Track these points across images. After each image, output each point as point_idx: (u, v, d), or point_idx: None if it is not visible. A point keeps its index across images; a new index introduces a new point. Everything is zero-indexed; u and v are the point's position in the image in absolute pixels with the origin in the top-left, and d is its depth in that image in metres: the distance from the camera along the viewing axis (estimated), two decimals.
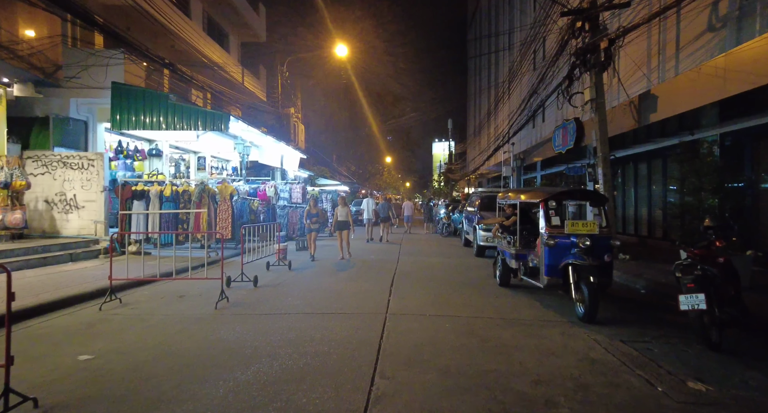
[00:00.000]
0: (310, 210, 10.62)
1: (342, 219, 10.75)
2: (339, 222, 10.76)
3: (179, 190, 10.75)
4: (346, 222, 10.81)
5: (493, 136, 28.36)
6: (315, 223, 10.55)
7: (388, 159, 46.03)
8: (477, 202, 12.99)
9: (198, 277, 7.23)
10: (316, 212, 10.60)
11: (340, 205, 10.99)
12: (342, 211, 10.80)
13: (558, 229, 5.68)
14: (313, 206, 10.71)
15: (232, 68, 18.37)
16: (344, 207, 10.85)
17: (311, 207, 10.68)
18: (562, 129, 14.29)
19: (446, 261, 10.61)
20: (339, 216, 10.76)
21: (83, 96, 10.80)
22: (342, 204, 10.94)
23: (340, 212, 10.79)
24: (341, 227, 10.74)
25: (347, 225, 10.82)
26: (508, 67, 24.68)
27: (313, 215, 10.56)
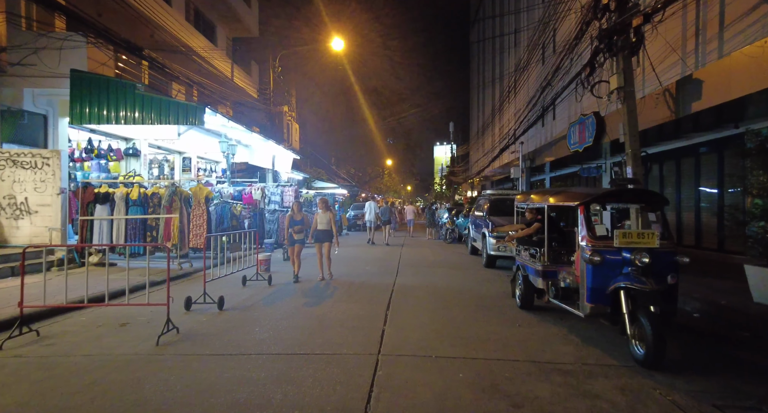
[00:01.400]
0: (293, 216, 8.47)
1: (322, 227, 8.38)
2: (318, 231, 8.41)
3: (148, 193, 9.45)
4: (327, 232, 8.42)
5: (498, 136, 27.07)
6: (300, 232, 8.35)
7: (389, 161, 44.76)
8: (485, 206, 11.65)
9: (138, 303, 5.86)
10: (301, 218, 8.42)
11: (321, 209, 8.51)
12: (323, 218, 8.41)
13: (604, 241, 4.33)
14: (297, 211, 8.48)
15: (219, 62, 17.11)
16: (326, 213, 8.45)
17: (294, 213, 8.50)
18: (579, 125, 12.97)
19: (452, 274, 9.25)
20: (319, 224, 8.41)
21: (40, 86, 9.51)
22: (323, 208, 8.51)
23: (321, 219, 8.41)
24: (321, 238, 8.43)
25: (329, 236, 8.45)
26: (514, 63, 23.43)
27: (297, 222, 8.38)
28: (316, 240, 8.46)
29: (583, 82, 10.14)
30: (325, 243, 8.48)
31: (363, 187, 37.99)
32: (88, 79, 9.11)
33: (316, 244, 8.50)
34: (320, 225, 8.43)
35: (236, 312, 5.86)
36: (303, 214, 8.54)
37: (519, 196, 6.85)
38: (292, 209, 8.61)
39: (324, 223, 8.44)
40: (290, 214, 8.56)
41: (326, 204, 8.64)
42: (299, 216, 8.51)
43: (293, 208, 8.60)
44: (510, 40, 25.30)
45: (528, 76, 19.76)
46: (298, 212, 8.54)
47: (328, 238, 8.47)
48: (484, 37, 34.86)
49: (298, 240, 8.40)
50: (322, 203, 8.69)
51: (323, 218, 8.45)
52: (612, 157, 14.36)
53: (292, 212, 8.58)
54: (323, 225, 8.43)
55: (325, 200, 8.78)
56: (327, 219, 8.45)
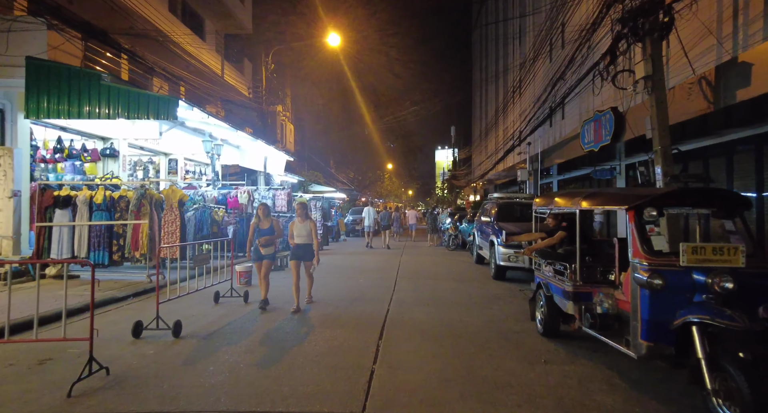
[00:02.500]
0: (259, 224, 6.52)
1: (301, 241, 6.43)
2: (297, 246, 6.46)
3: (115, 196, 8.38)
4: (307, 248, 6.45)
5: (501, 138, 26.03)
6: (268, 246, 6.46)
7: (389, 165, 43.69)
8: (493, 211, 10.56)
9: (50, 338, 4.77)
10: (270, 226, 6.52)
11: (299, 218, 6.50)
12: (301, 229, 6.42)
13: (666, 259, 3.24)
14: (263, 217, 6.55)
15: (209, 58, 16.12)
16: (304, 222, 6.46)
17: (261, 219, 6.54)
18: (594, 122, 11.90)
19: (457, 289, 8.15)
20: (296, 237, 6.43)
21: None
22: (301, 216, 6.49)
23: (298, 230, 6.43)
24: (299, 255, 6.46)
25: (309, 252, 6.47)
26: (519, 62, 22.45)
27: (264, 232, 6.47)
28: (293, 258, 6.47)
29: (601, 73, 9.10)
30: (306, 261, 6.50)
31: (363, 191, 36.90)
32: (47, 68, 8.09)
33: (292, 263, 6.47)
34: (298, 237, 6.40)
35: (194, 341, 4.76)
36: (273, 221, 6.63)
37: (538, 199, 5.76)
38: (257, 214, 6.62)
39: (303, 235, 6.41)
40: (254, 221, 6.61)
41: (305, 210, 6.56)
42: (266, 223, 6.53)
43: (258, 213, 6.60)
44: (515, 37, 24.34)
45: (535, 73, 18.74)
46: (265, 218, 6.55)
47: (308, 255, 6.45)
48: (486, 36, 33.97)
49: (267, 256, 6.48)
50: (300, 209, 6.53)
51: (302, 229, 6.40)
52: (627, 158, 13.28)
53: (256, 218, 6.61)
54: (302, 238, 6.40)
55: (303, 204, 6.64)
56: (307, 231, 6.40)
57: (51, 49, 8.69)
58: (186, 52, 14.92)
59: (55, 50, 8.95)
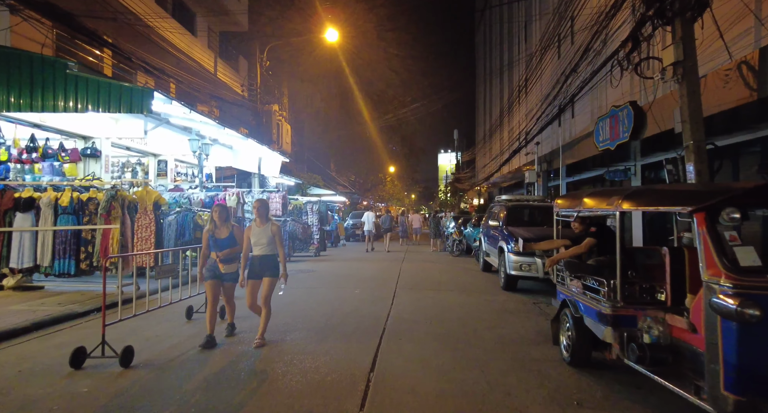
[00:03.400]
0: (214, 232, 4.90)
1: (261, 252, 4.79)
2: (254, 259, 4.84)
3: (83, 198, 7.56)
4: (268, 261, 4.81)
5: (507, 140, 25.19)
6: (231, 260, 4.93)
7: (392, 168, 42.84)
8: (502, 214, 9.67)
9: None
10: (228, 235, 4.91)
11: (258, 219, 4.84)
12: (260, 235, 4.77)
13: (758, 278, 2.36)
14: (220, 222, 4.94)
15: (201, 55, 15.36)
16: (264, 226, 4.81)
17: (217, 226, 4.93)
18: (610, 119, 11.01)
19: (464, 302, 7.25)
20: (254, 246, 4.81)
21: None
22: (261, 217, 4.83)
23: (256, 236, 4.78)
24: (258, 270, 4.81)
25: (271, 266, 4.82)
26: (525, 60, 21.66)
27: (223, 243, 4.88)
28: (250, 275, 4.80)
29: (620, 62, 8.25)
30: (266, 278, 4.74)
31: (364, 194, 36.06)
32: (6, 56, 7.29)
33: (249, 282, 4.80)
34: (256, 247, 4.76)
35: (144, 373, 3.90)
36: (233, 228, 4.96)
37: (560, 200, 4.88)
38: (211, 218, 4.99)
39: (263, 244, 4.73)
40: (208, 228, 4.91)
41: (265, 209, 4.83)
42: (225, 230, 4.88)
43: (212, 217, 4.96)
44: (520, 35, 23.54)
45: (542, 70, 17.88)
46: (223, 224, 4.90)
47: (270, 270, 4.76)
48: (491, 37, 33.20)
49: (229, 275, 4.94)
50: (260, 207, 4.82)
51: (261, 235, 4.73)
52: (644, 158, 12.40)
53: (211, 224, 4.94)
54: (261, 247, 4.74)
55: (262, 202, 4.97)
56: (268, 237, 4.73)
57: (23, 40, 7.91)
58: (177, 48, 14.18)
59: (28, 41, 8.19)
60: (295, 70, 21.36)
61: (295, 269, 11.25)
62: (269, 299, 4.86)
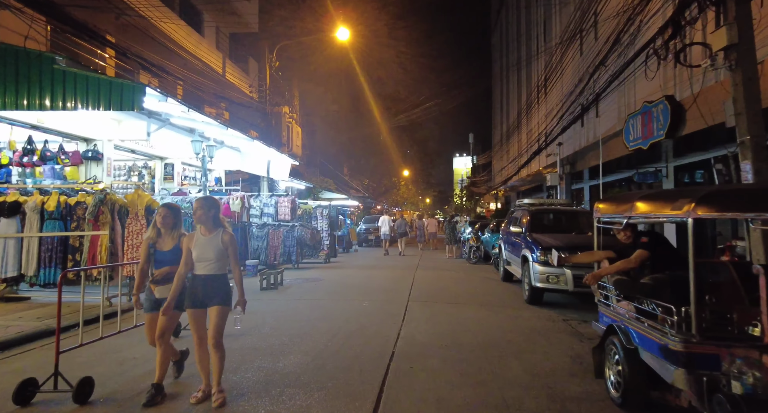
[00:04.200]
0: (158, 243, 3.73)
1: (206, 269, 3.46)
2: (198, 280, 3.47)
3: (71, 202, 7.04)
4: (215, 282, 3.47)
5: (525, 142, 24.25)
6: (164, 282, 3.67)
7: (406, 172, 42.06)
8: (525, 220, 8.85)
9: None
10: (174, 247, 3.69)
11: (201, 227, 3.51)
12: (205, 247, 3.44)
13: None
14: (167, 229, 3.72)
15: (209, 55, 14.94)
16: (212, 235, 3.48)
17: (161, 234, 3.74)
18: (642, 115, 10.14)
19: (485, 319, 6.46)
20: (197, 264, 3.46)
21: None
22: (205, 224, 3.50)
23: (200, 248, 3.44)
24: (201, 297, 3.45)
25: (220, 290, 3.48)
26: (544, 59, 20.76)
27: (165, 257, 3.69)
28: (191, 303, 3.45)
29: (657, 52, 7.40)
30: (214, 307, 3.43)
31: (378, 198, 35.36)
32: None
33: (190, 312, 3.46)
34: (201, 263, 3.44)
35: (101, 412, 3.24)
36: (181, 237, 3.64)
37: (602, 204, 4.08)
38: (154, 224, 3.74)
39: (209, 259, 3.43)
40: (149, 236, 3.74)
41: (210, 211, 3.50)
42: (170, 241, 3.69)
43: (156, 222, 3.70)
44: (539, 33, 22.65)
45: (563, 68, 16.97)
46: (169, 231, 3.69)
47: (218, 296, 3.44)
48: (507, 37, 32.32)
49: (156, 305, 3.67)
50: (203, 208, 3.48)
51: (206, 246, 3.44)
52: (676, 159, 11.42)
53: (153, 231, 3.74)
54: (207, 263, 3.44)
55: (207, 201, 3.57)
56: (217, 249, 3.44)
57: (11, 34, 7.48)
58: (183, 48, 13.76)
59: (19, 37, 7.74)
60: (306, 69, 20.88)
61: (302, 277, 10.61)
62: (220, 337, 3.43)
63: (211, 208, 3.54)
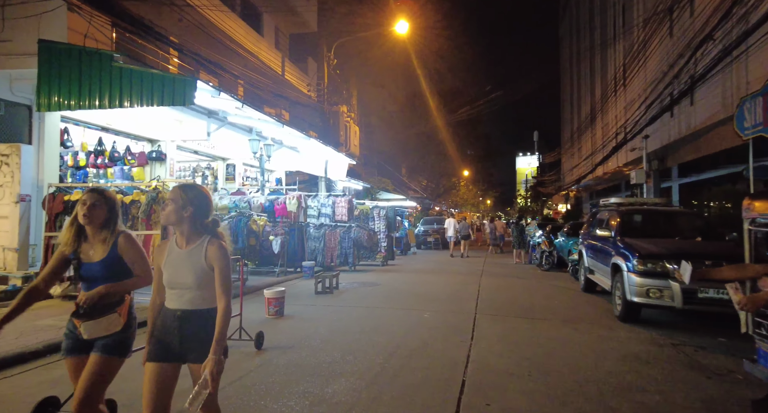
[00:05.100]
0: (80, 250, 2.44)
1: (181, 304, 2.21)
2: (171, 315, 2.20)
3: (126, 200, 6.95)
4: (198, 322, 2.20)
5: (600, 138, 22.17)
6: (100, 310, 2.36)
7: (466, 172, 40.54)
8: (613, 222, 7.60)
9: None
10: (105, 258, 2.41)
11: (177, 234, 2.28)
12: (178, 264, 2.21)
13: None
14: (94, 227, 2.42)
15: (267, 54, 14.93)
16: (192, 248, 2.22)
17: (86, 234, 2.45)
18: (765, 97, 8.42)
19: (570, 338, 5.41)
20: (171, 293, 2.23)
21: (16, 66, 7.57)
22: (181, 228, 2.24)
23: (173, 264, 2.23)
24: (167, 345, 2.20)
25: (203, 336, 2.16)
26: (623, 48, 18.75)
27: (91, 271, 2.42)
28: (154, 354, 2.22)
29: None
30: (190, 363, 2.19)
31: (436, 199, 34.31)
32: (58, 51, 6.93)
33: (150, 367, 2.20)
34: (174, 290, 2.22)
35: None
36: (119, 239, 2.45)
37: (758, 201, 2.98)
38: (72, 219, 2.44)
39: (186, 284, 2.19)
40: (63, 239, 2.47)
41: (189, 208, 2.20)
42: (100, 246, 2.43)
43: (76, 214, 2.41)
44: (617, 17, 20.56)
45: (647, 54, 15.04)
46: (98, 231, 2.43)
47: (193, 346, 2.18)
48: (578, 26, 29.99)
49: (99, 344, 2.36)
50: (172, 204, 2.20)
51: (183, 262, 2.20)
52: None
53: (68, 231, 2.47)
54: (184, 291, 2.21)
55: (186, 190, 2.24)
56: (198, 270, 2.18)
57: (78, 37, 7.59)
58: (243, 47, 13.83)
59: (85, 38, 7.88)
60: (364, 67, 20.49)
61: (358, 281, 10.03)
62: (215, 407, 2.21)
63: (188, 202, 2.18)
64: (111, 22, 8.52)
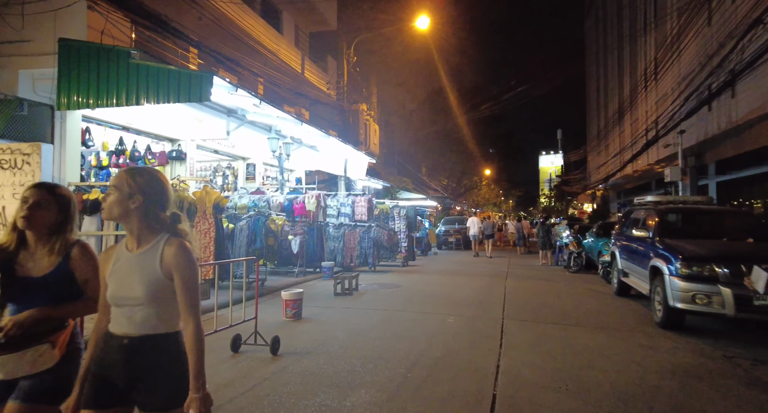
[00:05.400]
0: (18, 260, 1.92)
1: (132, 329, 1.64)
2: (117, 344, 1.64)
3: None
4: (154, 353, 1.64)
5: (629, 136, 21.30)
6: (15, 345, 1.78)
7: (487, 171, 39.78)
8: (651, 221, 7.09)
9: None
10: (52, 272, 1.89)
11: (129, 236, 1.72)
12: (129, 275, 1.66)
13: None
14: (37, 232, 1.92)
15: (286, 53, 14.82)
16: (144, 251, 1.68)
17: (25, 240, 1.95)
18: None
19: (608, 347, 4.99)
20: (118, 312, 1.68)
21: (38, 66, 7.59)
22: (131, 227, 1.70)
23: (122, 278, 1.67)
24: (121, 388, 1.64)
25: (166, 371, 1.64)
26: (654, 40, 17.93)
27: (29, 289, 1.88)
28: (96, 401, 1.63)
29: None
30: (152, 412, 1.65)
31: (457, 199, 33.75)
32: (77, 49, 6.88)
33: None
34: (122, 308, 1.67)
35: None
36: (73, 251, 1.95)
37: None
38: (12, 225, 1.95)
39: (136, 300, 1.64)
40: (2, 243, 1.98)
41: (138, 197, 1.67)
42: (45, 255, 1.92)
43: (17, 216, 1.92)
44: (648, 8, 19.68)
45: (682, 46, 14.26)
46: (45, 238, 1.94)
47: (158, 390, 1.63)
48: (604, 20, 28.99)
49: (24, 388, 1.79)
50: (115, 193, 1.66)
51: (132, 271, 1.67)
52: None
53: (9, 236, 1.96)
54: (129, 311, 1.65)
55: (135, 175, 1.70)
56: (151, 280, 1.65)
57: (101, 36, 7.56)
58: (262, 45, 13.74)
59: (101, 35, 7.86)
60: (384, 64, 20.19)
61: (378, 282, 9.75)
62: None
63: (137, 190, 1.65)
64: (131, 19, 8.50)
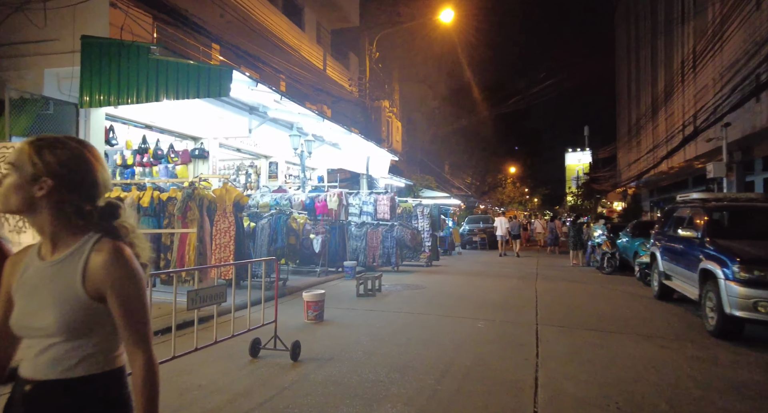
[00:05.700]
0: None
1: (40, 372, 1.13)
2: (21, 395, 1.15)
3: (163, 198, 6.72)
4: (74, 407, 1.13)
5: (664, 130, 20.28)
6: None
7: (512, 169, 38.84)
8: (699, 221, 6.53)
9: None
10: None
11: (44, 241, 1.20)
12: (37, 292, 1.15)
13: None
14: None
15: (309, 49, 14.64)
16: (60, 261, 1.16)
17: None
18: None
19: (656, 358, 4.53)
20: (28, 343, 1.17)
21: (62, 64, 7.58)
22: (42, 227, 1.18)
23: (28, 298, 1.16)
24: None
25: None
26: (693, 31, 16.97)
27: None
28: None
29: None
30: None
31: (481, 197, 33.05)
32: (99, 47, 6.81)
33: None
34: (27, 345, 1.17)
35: None
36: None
37: None
38: None
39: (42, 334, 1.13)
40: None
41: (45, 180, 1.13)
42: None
43: None
44: None
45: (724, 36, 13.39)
46: None
47: None
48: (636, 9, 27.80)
49: None
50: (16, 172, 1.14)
51: (40, 292, 1.15)
52: None
53: None
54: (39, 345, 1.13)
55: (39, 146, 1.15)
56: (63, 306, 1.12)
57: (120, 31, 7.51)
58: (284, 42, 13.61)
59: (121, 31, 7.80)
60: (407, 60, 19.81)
61: (401, 283, 9.43)
62: None
63: (46, 171, 1.14)
64: (153, 16, 8.44)
